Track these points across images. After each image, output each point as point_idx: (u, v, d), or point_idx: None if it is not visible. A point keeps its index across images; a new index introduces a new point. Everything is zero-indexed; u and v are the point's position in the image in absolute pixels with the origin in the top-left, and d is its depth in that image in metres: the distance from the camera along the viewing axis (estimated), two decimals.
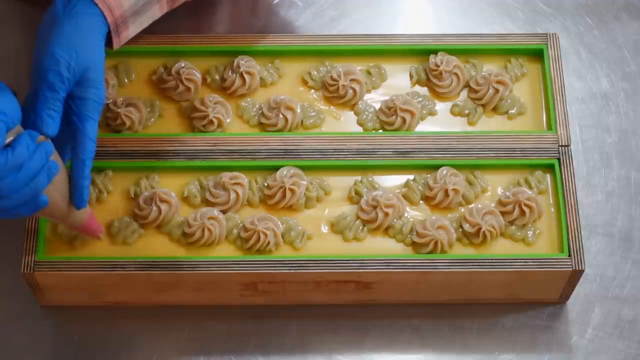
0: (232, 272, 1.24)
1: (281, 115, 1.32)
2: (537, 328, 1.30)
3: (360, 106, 1.35)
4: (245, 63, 1.34)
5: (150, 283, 1.25)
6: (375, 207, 1.27)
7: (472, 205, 1.29)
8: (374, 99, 1.36)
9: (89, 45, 1.14)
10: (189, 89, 1.34)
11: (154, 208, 1.27)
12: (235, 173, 1.29)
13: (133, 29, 1.21)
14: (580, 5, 1.50)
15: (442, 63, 1.35)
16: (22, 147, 1.06)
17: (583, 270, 1.25)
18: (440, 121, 1.35)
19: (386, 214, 1.27)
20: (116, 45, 1.20)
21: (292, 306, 1.30)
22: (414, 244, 1.27)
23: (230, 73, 1.35)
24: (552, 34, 1.37)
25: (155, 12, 1.22)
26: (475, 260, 1.24)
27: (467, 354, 1.29)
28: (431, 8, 1.51)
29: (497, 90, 1.34)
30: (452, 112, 1.35)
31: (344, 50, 1.37)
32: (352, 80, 1.34)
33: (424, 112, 1.35)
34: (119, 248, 1.26)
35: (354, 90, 1.34)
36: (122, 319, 1.30)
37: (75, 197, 1.16)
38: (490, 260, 1.24)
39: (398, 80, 1.37)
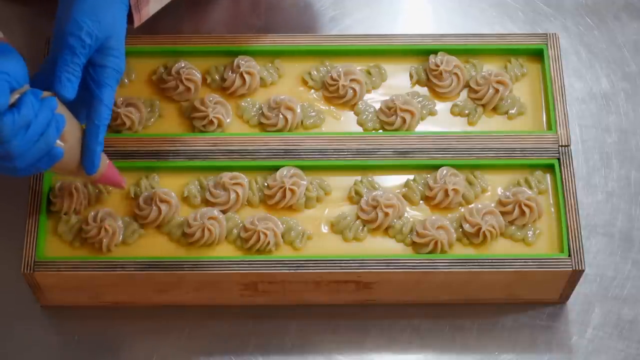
0: (232, 272, 1.24)
1: (281, 115, 1.32)
2: (537, 328, 1.30)
3: (360, 106, 1.35)
4: (245, 63, 1.34)
5: (150, 283, 1.25)
6: (375, 207, 1.27)
7: (472, 205, 1.29)
8: (374, 99, 1.36)
9: (111, 14, 1.15)
10: (189, 89, 1.34)
11: (154, 208, 1.27)
12: (235, 173, 1.29)
13: (154, 5, 1.21)
14: (580, 5, 1.50)
15: (442, 63, 1.35)
16: (27, 106, 1.08)
17: (583, 270, 1.25)
18: (440, 121, 1.35)
19: (386, 214, 1.27)
20: (137, 22, 1.21)
21: (292, 306, 1.30)
22: (414, 244, 1.27)
23: (230, 73, 1.35)
24: (552, 34, 1.37)
25: None
26: (475, 260, 1.24)
27: (467, 354, 1.29)
28: (431, 8, 1.51)
29: (497, 90, 1.34)
30: (452, 112, 1.35)
31: (344, 50, 1.37)
32: (352, 80, 1.34)
33: (424, 112, 1.35)
34: (119, 248, 1.26)
35: (354, 90, 1.34)
36: (122, 319, 1.30)
37: (87, 162, 1.17)
38: (490, 260, 1.24)
39: (398, 80, 1.37)
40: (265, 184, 1.30)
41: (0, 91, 1.05)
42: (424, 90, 1.36)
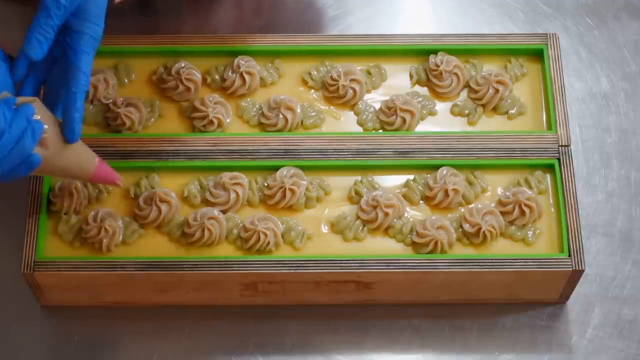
0: (232, 272, 1.24)
1: (281, 115, 1.32)
2: (537, 328, 1.30)
3: (360, 106, 1.35)
4: (245, 63, 1.34)
5: (150, 283, 1.25)
6: (375, 207, 1.27)
7: (472, 205, 1.29)
8: (374, 99, 1.36)
9: None
10: (189, 89, 1.34)
11: (154, 208, 1.27)
12: (235, 173, 1.29)
13: None
14: (580, 5, 1.50)
15: (442, 63, 1.35)
16: (3, 119, 1.06)
17: (583, 270, 1.25)
18: (440, 121, 1.35)
19: (386, 214, 1.27)
20: None
21: (292, 306, 1.30)
22: (414, 244, 1.27)
23: (230, 73, 1.35)
24: (552, 34, 1.37)
25: None
26: (475, 260, 1.24)
27: (467, 354, 1.29)
28: (431, 8, 1.51)
29: (497, 90, 1.34)
30: (452, 112, 1.35)
31: (344, 50, 1.37)
32: (352, 80, 1.34)
33: (424, 112, 1.35)
34: (119, 248, 1.26)
35: (354, 90, 1.34)
36: (122, 319, 1.30)
37: (66, 130, 1.15)
38: (490, 260, 1.24)
39: (398, 80, 1.37)
40: (265, 184, 1.30)
41: None
42: (424, 90, 1.36)
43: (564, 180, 1.29)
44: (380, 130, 1.34)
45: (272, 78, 1.36)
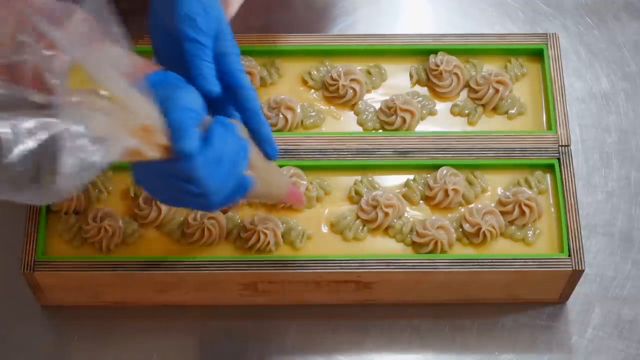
0: (232, 272, 1.24)
1: (281, 115, 1.32)
2: (537, 328, 1.30)
3: (360, 106, 1.35)
4: (245, 63, 1.34)
5: (150, 283, 1.25)
6: (375, 207, 1.27)
7: (472, 205, 1.29)
8: (374, 99, 1.36)
9: (208, 1, 1.09)
10: None
11: (154, 208, 1.27)
12: None
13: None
14: (580, 5, 1.50)
15: (442, 63, 1.35)
16: (219, 140, 1.02)
17: (583, 270, 1.25)
18: (440, 121, 1.35)
19: (386, 214, 1.27)
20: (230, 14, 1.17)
21: (292, 306, 1.30)
22: (414, 244, 1.27)
23: None
24: (552, 34, 1.37)
25: None
26: (475, 260, 1.24)
27: (467, 354, 1.29)
28: (431, 8, 1.51)
29: (497, 90, 1.34)
30: (452, 112, 1.35)
31: (344, 50, 1.37)
32: (352, 80, 1.34)
33: (424, 112, 1.35)
34: (119, 248, 1.26)
35: (354, 90, 1.34)
36: (122, 319, 1.30)
37: (267, 147, 1.12)
38: (490, 260, 1.24)
39: (398, 80, 1.37)
40: None
41: (190, 134, 0.99)
42: (424, 90, 1.36)
43: (564, 180, 1.29)
44: (380, 130, 1.34)
45: (272, 78, 1.36)
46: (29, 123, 0.92)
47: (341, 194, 1.30)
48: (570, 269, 1.24)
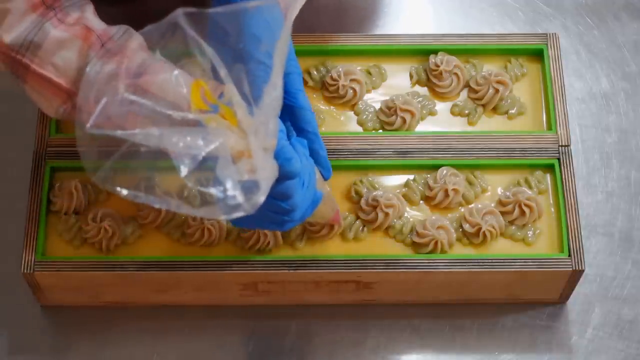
0: (232, 272, 1.24)
1: None
2: (537, 328, 1.30)
3: (360, 106, 1.35)
4: None
5: (150, 283, 1.26)
6: (375, 207, 1.27)
7: (472, 205, 1.29)
8: (374, 99, 1.36)
9: (275, 19, 1.10)
10: None
11: (154, 208, 1.27)
12: None
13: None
14: (580, 5, 1.50)
15: (442, 63, 1.35)
16: (306, 159, 1.10)
17: (583, 270, 1.25)
18: (440, 121, 1.35)
19: (386, 214, 1.27)
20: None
21: (292, 306, 1.30)
22: (414, 244, 1.27)
23: None
24: (552, 34, 1.37)
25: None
26: (475, 260, 1.24)
27: (467, 354, 1.29)
28: (431, 8, 1.51)
29: (497, 90, 1.34)
30: (452, 112, 1.35)
31: (344, 50, 1.37)
32: (352, 80, 1.34)
33: (424, 112, 1.35)
34: (119, 248, 1.26)
35: (354, 90, 1.34)
36: (122, 319, 1.30)
37: (325, 169, 1.17)
38: (490, 260, 1.24)
39: (398, 80, 1.37)
40: None
41: (291, 151, 1.04)
42: (424, 90, 1.36)
43: (564, 180, 1.29)
44: (380, 130, 1.34)
45: None
46: (196, 140, 0.94)
47: (341, 194, 1.30)
48: (570, 269, 1.24)
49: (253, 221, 1.10)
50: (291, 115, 1.16)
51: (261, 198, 0.96)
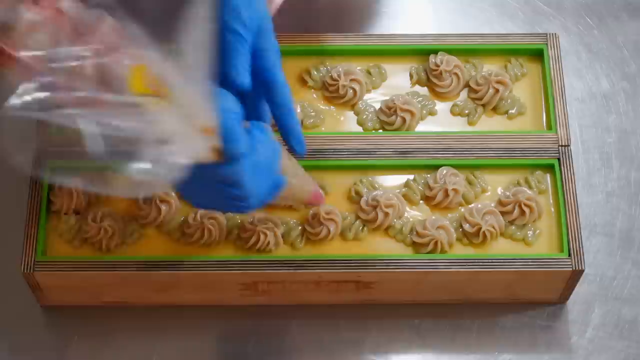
0: (232, 272, 1.24)
1: None
2: (537, 328, 1.30)
3: (360, 106, 1.35)
4: None
5: (150, 283, 1.25)
6: (375, 207, 1.27)
7: (472, 205, 1.29)
8: (374, 98, 1.36)
9: None
10: None
11: (154, 208, 1.27)
12: None
13: None
14: (580, 5, 1.50)
15: (442, 63, 1.35)
16: (260, 143, 1.07)
17: (583, 270, 1.25)
18: (440, 121, 1.35)
19: (386, 214, 1.27)
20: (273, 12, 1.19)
21: (292, 306, 1.30)
22: (414, 244, 1.27)
23: None
24: (552, 34, 1.37)
25: None
26: (475, 260, 1.24)
27: (467, 353, 1.29)
28: (431, 8, 1.51)
29: (497, 90, 1.34)
30: (452, 112, 1.35)
31: (344, 50, 1.37)
32: (352, 80, 1.34)
33: (424, 112, 1.34)
34: (119, 248, 1.26)
35: (354, 90, 1.34)
36: (122, 319, 1.30)
37: (296, 143, 1.15)
38: (490, 260, 1.24)
39: (398, 80, 1.37)
40: None
41: (238, 132, 1.03)
42: (424, 90, 1.36)
43: (564, 180, 1.29)
44: (380, 130, 1.34)
45: None
46: (109, 119, 0.94)
47: (341, 194, 1.30)
48: (570, 269, 1.24)
49: (211, 204, 1.11)
50: (267, 90, 1.15)
51: (177, 177, 0.97)
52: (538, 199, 1.28)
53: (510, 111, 1.35)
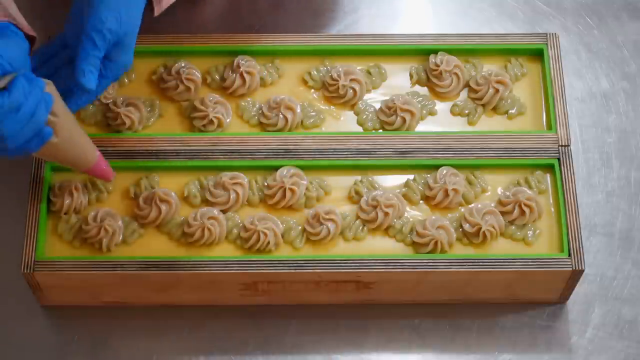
0: (232, 272, 1.24)
1: (281, 115, 1.32)
2: (537, 328, 1.30)
3: (360, 106, 1.35)
4: (245, 63, 1.34)
5: (150, 283, 1.26)
6: (375, 207, 1.27)
7: (472, 205, 1.29)
8: (374, 98, 1.36)
9: (132, 12, 1.19)
10: (189, 88, 1.34)
11: (154, 208, 1.27)
12: (235, 173, 1.29)
13: None
14: (580, 5, 1.50)
15: (442, 63, 1.35)
16: (18, 90, 1.10)
17: (583, 270, 1.25)
18: (440, 121, 1.35)
19: (386, 214, 1.27)
20: (157, 12, 1.24)
21: (292, 306, 1.30)
22: (414, 243, 1.27)
23: (230, 73, 1.35)
24: (552, 34, 1.37)
25: None
26: (475, 260, 1.24)
27: (467, 353, 1.29)
28: (431, 8, 1.51)
29: (497, 90, 1.34)
30: (452, 112, 1.35)
31: (344, 50, 1.37)
32: (352, 80, 1.34)
33: (424, 112, 1.35)
34: (119, 248, 1.26)
35: (354, 90, 1.34)
36: (122, 319, 1.30)
37: (78, 73, 1.18)
38: (490, 260, 1.24)
39: (398, 80, 1.37)
40: (265, 184, 1.30)
41: None
42: (424, 90, 1.36)
43: (564, 180, 1.29)
44: (380, 130, 1.34)
45: (272, 78, 1.36)
46: None
47: (341, 194, 1.30)
48: (570, 269, 1.24)
49: None
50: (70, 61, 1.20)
51: None
52: (538, 199, 1.28)
53: (510, 111, 1.35)
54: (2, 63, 1.09)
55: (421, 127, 1.34)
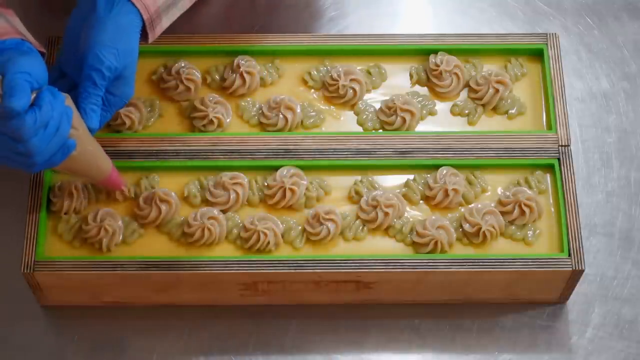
0: (232, 272, 1.24)
1: (281, 115, 1.32)
2: (537, 328, 1.30)
3: (360, 106, 1.35)
4: (245, 63, 1.34)
5: (150, 283, 1.26)
6: (375, 207, 1.27)
7: (472, 205, 1.29)
8: (374, 98, 1.36)
9: (129, 45, 1.19)
10: (189, 88, 1.34)
11: (154, 208, 1.27)
12: (235, 173, 1.29)
13: (166, 22, 1.24)
14: (580, 5, 1.50)
15: (442, 63, 1.35)
16: (47, 105, 1.10)
17: (583, 270, 1.25)
18: (440, 121, 1.35)
19: (386, 214, 1.27)
20: (151, 39, 1.24)
21: (292, 306, 1.30)
22: (414, 243, 1.27)
23: (230, 73, 1.35)
24: (552, 34, 1.37)
25: (185, 3, 1.26)
26: (475, 260, 1.24)
27: (467, 354, 1.29)
28: (431, 8, 1.51)
29: (497, 90, 1.34)
30: (452, 112, 1.35)
31: (344, 50, 1.37)
32: (352, 80, 1.34)
33: (424, 112, 1.35)
34: (119, 248, 1.26)
35: (354, 90, 1.34)
36: (122, 319, 1.30)
37: (90, 119, 1.19)
38: (490, 260, 1.24)
39: (398, 80, 1.37)
40: (265, 184, 1.30)
41: (22, 91, 1.07)
42: (424, 90, 1.36)
43: (564, 180, 1.29)
44: (380, 130, 1.34)
45: (272, 78, 1.36)
46: None
47: (341, 194, 1.30)
48: (570, 269, 1.24)
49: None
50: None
51: None
52: (538, 199, 1.28)
53: (510, 111, 1.35)
54: (30, 80, 1.09)
55: (421, 127, 1.34)
